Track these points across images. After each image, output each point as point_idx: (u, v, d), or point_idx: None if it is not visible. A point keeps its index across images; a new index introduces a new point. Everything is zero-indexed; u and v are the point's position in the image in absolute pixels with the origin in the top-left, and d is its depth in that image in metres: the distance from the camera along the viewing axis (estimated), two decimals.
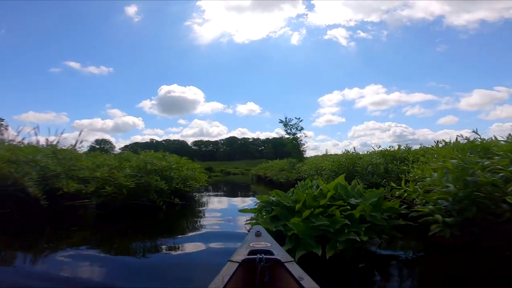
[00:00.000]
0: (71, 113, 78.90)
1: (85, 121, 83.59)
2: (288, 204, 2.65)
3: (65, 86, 76.20)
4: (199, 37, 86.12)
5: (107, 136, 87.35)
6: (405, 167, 3.60)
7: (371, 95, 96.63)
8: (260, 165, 18.13)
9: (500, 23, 77.51)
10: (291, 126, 16.06)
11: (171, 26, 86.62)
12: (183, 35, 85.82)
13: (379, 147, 5.62)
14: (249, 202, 7.03)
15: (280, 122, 16.17)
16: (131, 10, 77.56)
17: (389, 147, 5.45)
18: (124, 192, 4.14)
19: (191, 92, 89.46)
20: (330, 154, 11.41)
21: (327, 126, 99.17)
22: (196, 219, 4.60)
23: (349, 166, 5.49)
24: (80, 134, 7.30)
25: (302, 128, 15.91)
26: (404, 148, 5.27)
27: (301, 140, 15.53)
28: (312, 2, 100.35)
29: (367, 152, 5.96)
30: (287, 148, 15.67)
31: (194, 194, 7.95)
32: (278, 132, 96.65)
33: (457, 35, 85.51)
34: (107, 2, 75.71)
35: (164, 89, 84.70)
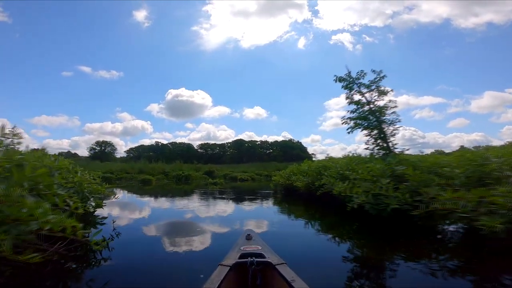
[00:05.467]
0: (83, 117, 72.61)
1: (96, 125, 77.34)
2: None
3: (77, 90, 70.46)
4: (206, 42, 79.27)
5: (116, 140, 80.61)
6: None
7: None
8: (291, 166, 9.72)
9: (507, 25, 69.11)
10: (359, 85, 7.75)
11: (179, 31, 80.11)
12: (191, 40, 79.00)
13: None
14: None
15: (336, 81, 7.86)
16: (140, 15, 71.35)
17: None
18: None
19: (199, 97, 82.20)
20: None
21: (334, 130, 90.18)
22: None
23: None
24: None
25: (386, 92, 7.58)
26: None
27: (386, 110, 7.21)
28: (316, 8, 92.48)
29: None
30: (363, 126, 7.29)
31: None
32: (285, 135, 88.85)
33: (464, 38, 77.00)
34: (116, 6, 69.70)
35: (171, 93, 77.58)
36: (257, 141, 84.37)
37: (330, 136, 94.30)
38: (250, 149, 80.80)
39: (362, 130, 7.48)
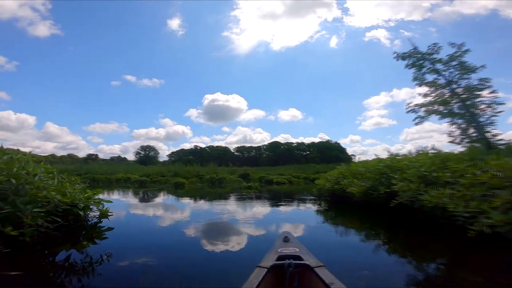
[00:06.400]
0: (131, 123, 77.53)
1: (142, 131, 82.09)
2: None
3: (125, 98, 75.21)
4: (238, 46, 79.24)
5: (160, 144, 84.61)
6: None
7: None
8: (339, 168, 7.82)
9: None
10: (432, 61, 5.90)
11: (211, 37, 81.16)
12: (223, 45, 79.40)
13: None
14: None
15: (398, 59, 6.04)
16: (174, 23, 73.68)
17: None
18: None
19: (235, 100, 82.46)
20: None
21: (376, 129, 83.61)
22: None
23: None
24: None
25: (473, 68, 5.54)
26: None
27: (480, 91, 5.19)
28: (345, 5, 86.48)
29: None
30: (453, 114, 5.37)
31: None
32: (322, 137, 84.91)
33: None
34: (152, 16, 73.15)
35: (208, 98, 78.99)
36: (293, 143, 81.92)
37: (370, 136, 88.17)
38: (286, 151, 78.66)
39: (441, 118, 5.50)
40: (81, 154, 58.18)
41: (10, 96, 63.09)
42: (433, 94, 5.62)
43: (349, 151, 77.43)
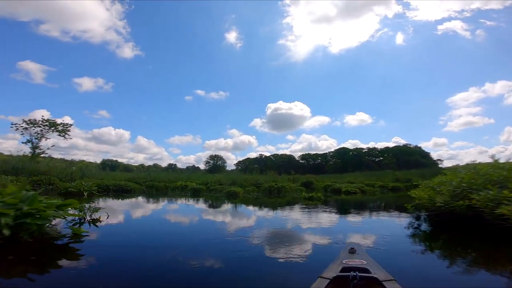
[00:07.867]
0: (203, 135, 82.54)
1: (212, 142, 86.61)
2: None
3: (197, 111, 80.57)
4: (295, 53, 75.90)
5: (228, 154, 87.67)
6: None
7: None
8: (458, 173, 4.72)
9: None
10: None
11: (268, 46, 79.81)
12: (280, 54, 77.11)
13: None
14: None
15: None
16: (232, 36, 75.49)
17: None
18: None
19: (297, 108, 79.02)
20: None
21: (466, 130, 68.26)
22: None
23: None
24: None
25: None
26: None
27: None
28: (405, 0, 74.22)
29: None
30: None
31: None
32: (396, 141, 73.73)
33: None
34: (210, 32, 76.60)
35: (271, 107, 77.88)
36: (363, 149, 73.86)
37: (460, 138, 73.07)
38: (355, 157, 71.30)
39: None
40: (164, 164, 63.55)
41: (110, 114, 73.51)
42: None
43: (434, 155, 65.50)
